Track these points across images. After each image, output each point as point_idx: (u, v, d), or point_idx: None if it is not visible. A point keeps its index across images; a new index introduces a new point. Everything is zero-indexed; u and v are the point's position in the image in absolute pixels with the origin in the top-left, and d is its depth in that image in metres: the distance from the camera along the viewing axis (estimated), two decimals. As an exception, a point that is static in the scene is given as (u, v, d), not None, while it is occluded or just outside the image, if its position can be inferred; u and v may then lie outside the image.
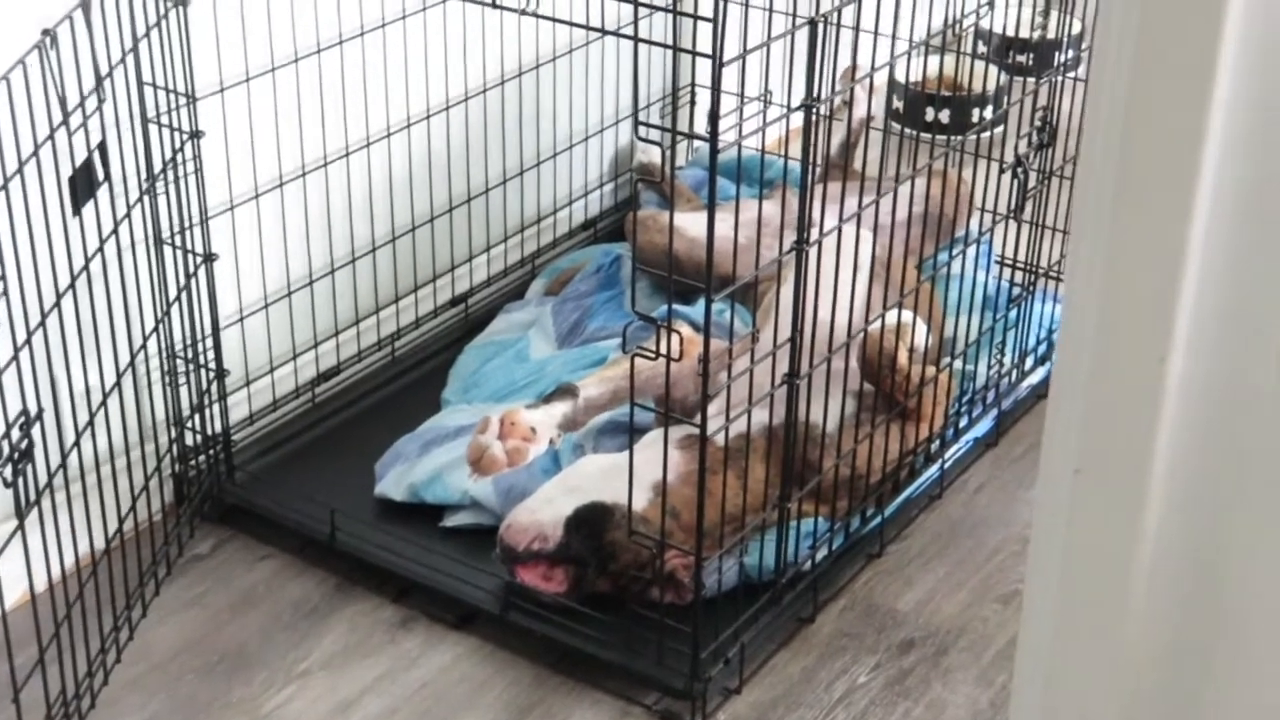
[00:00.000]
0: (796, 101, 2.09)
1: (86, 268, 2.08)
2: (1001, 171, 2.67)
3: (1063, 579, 0.97)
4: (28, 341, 1.93)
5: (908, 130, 3.44)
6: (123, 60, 2.17)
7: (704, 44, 1.91)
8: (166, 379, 2.47)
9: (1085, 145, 0.88)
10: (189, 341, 2.46)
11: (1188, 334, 0.89)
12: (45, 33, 1.92)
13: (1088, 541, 0.96)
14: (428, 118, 2.86)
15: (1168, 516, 0.94)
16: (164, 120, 2.31)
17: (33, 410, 1.89)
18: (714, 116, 1.92)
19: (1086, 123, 0.89)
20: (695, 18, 2.00)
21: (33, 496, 1.91)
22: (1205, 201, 0.86)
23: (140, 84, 2.27)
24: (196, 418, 2.53)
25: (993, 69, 3.57)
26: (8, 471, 1.86)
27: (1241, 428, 0.91)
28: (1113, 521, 0.94)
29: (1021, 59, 3.75)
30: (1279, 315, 0.88)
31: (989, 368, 2.79)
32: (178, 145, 2.33)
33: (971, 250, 2.79)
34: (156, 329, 2.37)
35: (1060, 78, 2.70)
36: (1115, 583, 0.95)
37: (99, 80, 2.05)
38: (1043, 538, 0.97)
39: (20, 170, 1.89)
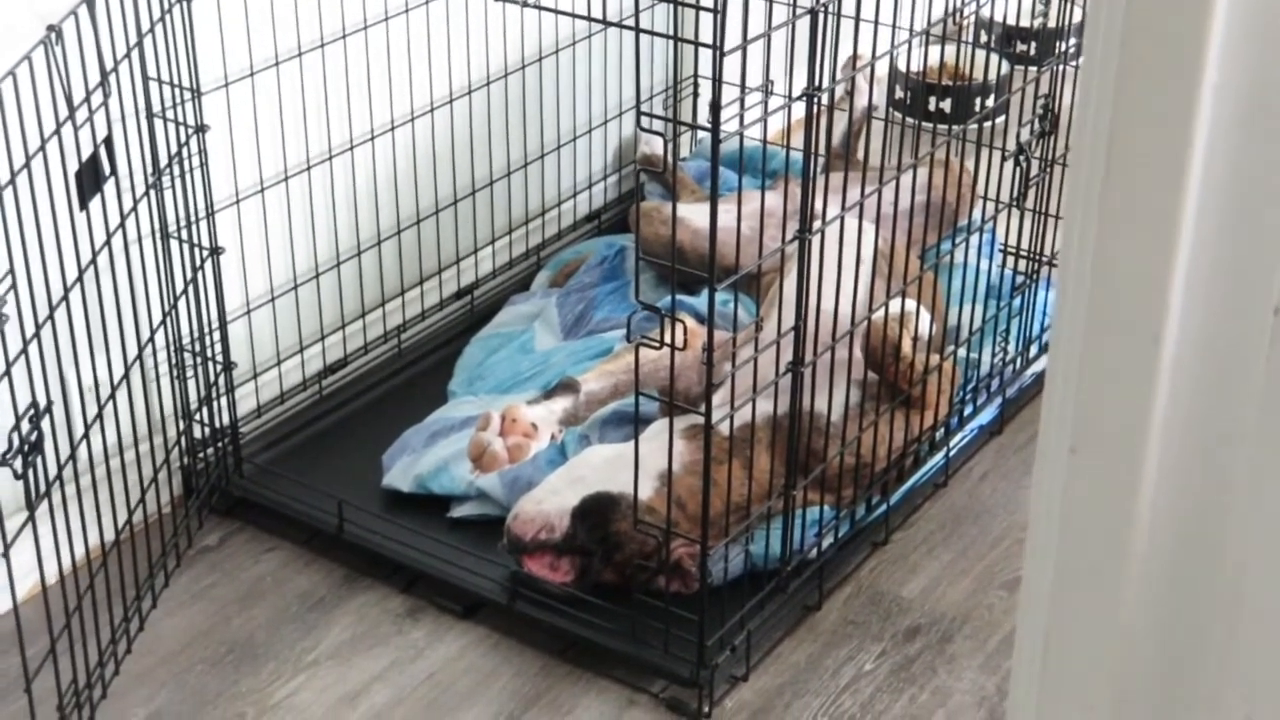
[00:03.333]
0: (798, 92, 2.10)
1: (94, 262, 2.10)
2: (1004, 160, 2.68)
3: (1059, 557, 0.98)
4: (36, 335, 1.94)
5: (910, 120, 3.44)
6: (127, 55, 2.18)
7: (705, 34, 1.91)
8: (174, 372, 2.48)
9: (1076, 125, 0.89)
10: (196, 335, 2.48)
11: (1181, 311, 0.90)
12: (50, 28, 1.94)
13: (1083, 519, 0.97)
14: (431, 111, 2.87)
15: (1162, 493, 0.95)
16: (169, 115, 2.32)
17: (42, 403, 1.91)
18: (715, 106, 1.93)
19: (1078, 102, 0.89)
20: (697, 8, 2.01)
21: (43, 489, 1.92)
22: (1197, 178, 0.87)
23: (145, 79, 2.28)
24: (204, 410, 2.54)
25: (995, 58, 3.58)
26: (18, 464, 1.87)
27: (1235, 404, 0.92)
28: (1108, 499, 0.95)
29: (1023, 47, 3.75)
30: (1271, 293, 0.89)
31: (993, 355, 2.80)
32: (183, 139, 2.34)
33: (975, 239, 2.80)
34: (164, 322, 2.39)
35: (1062, 66, 2.70)
36: (1111, 560, 0.96)
37: (104, 75, 2.06)
38: (1040, 517, 0.99)
39: (27, 165, 1.90)
